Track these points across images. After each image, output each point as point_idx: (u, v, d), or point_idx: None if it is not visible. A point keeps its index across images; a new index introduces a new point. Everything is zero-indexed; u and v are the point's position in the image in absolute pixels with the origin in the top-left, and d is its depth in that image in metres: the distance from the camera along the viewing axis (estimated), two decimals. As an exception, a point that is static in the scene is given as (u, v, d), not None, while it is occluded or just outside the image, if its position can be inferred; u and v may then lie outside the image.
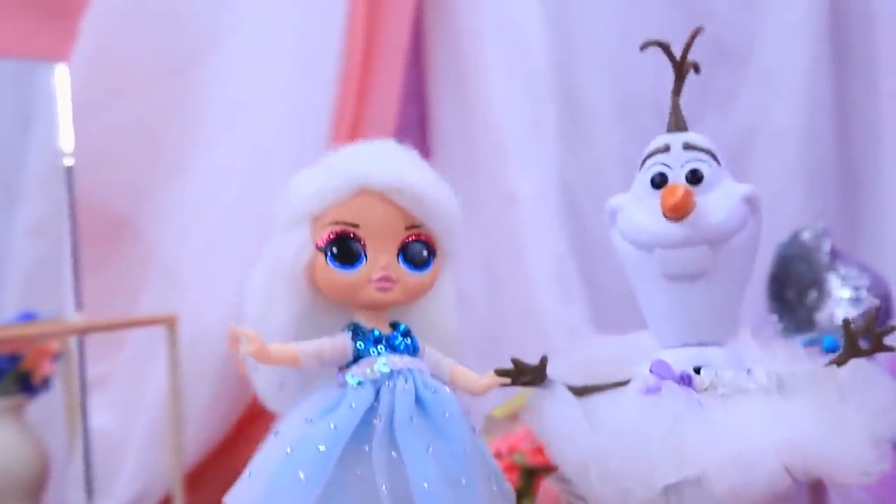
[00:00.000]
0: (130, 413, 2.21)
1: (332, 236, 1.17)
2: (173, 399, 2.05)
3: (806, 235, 1.90)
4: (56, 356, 2.13)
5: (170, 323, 2.05)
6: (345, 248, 1.17)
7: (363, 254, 1.17)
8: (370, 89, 2.34)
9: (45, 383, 2.10)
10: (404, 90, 2.37)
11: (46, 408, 2.14)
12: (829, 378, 1.19)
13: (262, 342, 1.14)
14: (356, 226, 1.17)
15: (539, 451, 1.71)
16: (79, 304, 2.10)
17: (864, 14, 2.39)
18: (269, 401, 1.24)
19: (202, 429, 2.20)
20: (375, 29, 2.35)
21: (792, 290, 1.89)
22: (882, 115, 2.36)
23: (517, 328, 2.35)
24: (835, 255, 1.91)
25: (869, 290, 1.87)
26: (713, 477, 1.11)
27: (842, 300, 1.86)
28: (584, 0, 2.46)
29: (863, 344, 1.19)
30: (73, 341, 2.14)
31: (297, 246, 1.18)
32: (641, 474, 1.13)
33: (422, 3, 2.44)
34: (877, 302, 1.85)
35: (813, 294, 1.86)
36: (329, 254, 1.17)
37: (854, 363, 1.20)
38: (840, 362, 1.20)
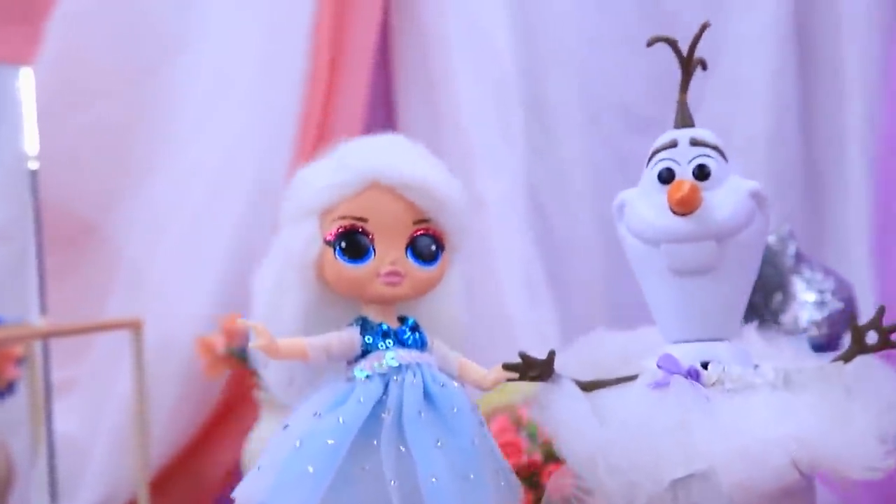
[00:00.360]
0: (95, 417, 2.20)
1: (340, 230, 1.17)
2: (138, 403, 2.04)
3: (771, 239, 1.91)
4: (20, 360, 2.12)
5: (135, 327, 2.04)
6: (353, 243, 1.17)
7: (371, 248, 1.18)
8: (337, 91, 2.33)
9: (10, 387, 2.09)
10: (371, 92, 2.37)
11: (11, 412, 2.12)
12: (836, 374, 1.19)
13: (271, 336, 1.14)
14: (365, 220, 1.17)
15: (510, 452, 1.71)
16: (43, 308, 2.09)
17: (828, 18, 2.40)
18: (280, 396, 1.24)
19: (168, 432, 2.19)
20: (342, 30, 2.35)
21: (757, 293, 1.89)
22: (847, 120, 2.37)
23: (486, 332, 2.35)
24: (799, 258, 1.92)
25: (833, 293, 1.87)
26: (721, 471, 1.11)
27: (806, 303, 1.86)
28: (552, 5, 2.46)
29: (869, 340, 1.20)
30: (37, 345, 2.12)
31: (306, 239, 1.18)
32: (649, 468, 1.13)
33: (389, 5, 2.43)
34: (840, 305, 1.86)
35: (778, 297, 1.87)
36: (338, 248, 1.17)
37: (861, 359, 1.20)
38: (847, 358, 1.21)
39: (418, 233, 1.19)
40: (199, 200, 2.26)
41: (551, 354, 1.22)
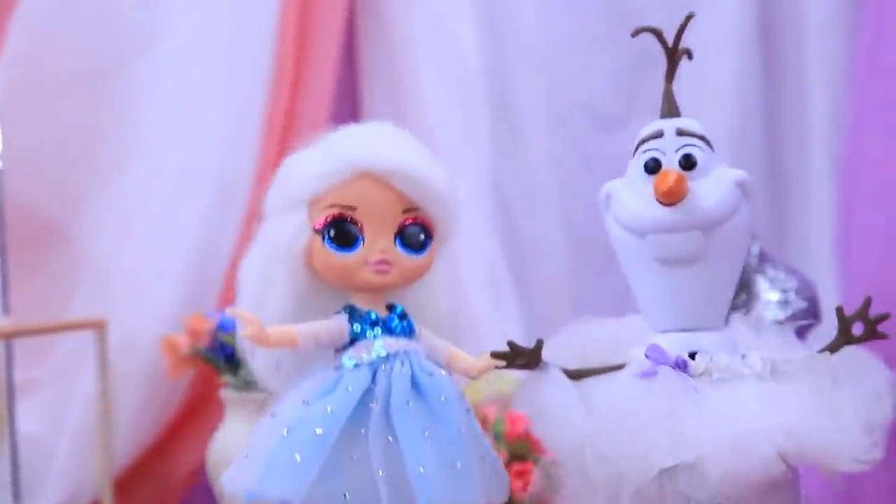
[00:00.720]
0: (59, 418, 2.18)
1: (329, 219, 1.18)
2: (102, 403, 2.03)
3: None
4: (-17, 360, 2.10)
5: (99, 327, 2.03)
6: (342, 231, 1.18)
7: (360, 237, 1.18)
8: (302, 91, 2.33)
9: (-28, 388, 2.07)
10: (337, 92, 2.37)
11: (-27, 413, 2.11)
12: (823, 365, 1.20)
13: (261, 324, 1.15)
14: (353, 209, 1.18)
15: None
16: (6, 308, 2.07)
17: (793, 18, 2.42)
18: (265, 381, 1.24)
19: (132, 432, 2.18)
20: (307, 30, 2.34)
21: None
22: (811, 120, 2.39)
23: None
24: (763, 258, 1.93)
25: (797, 292, 1.89)
26: (708, 462, 1.11)
27: (770, 302, 1.88)
28: (517, 5, 2.47)
29: (856, 331, 1.20)
30: (0, 345, 2.11)
31: (295, 229, 1.19)
32: (636, 458, 1.13)
33: (354, 5, 2.43)
34: (804, 304, 1.88)
35: (742, 296, 1.88)
36: (326, 236, 1.18)
37: (847, 350, 1.21)
38: (833, 349, 1.22)
39: (407, 222, 1.20)
40: (164, 200, 2.25)
41: (539, 343, 1.23)
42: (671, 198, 1.20)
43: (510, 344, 1.23)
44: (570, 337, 1.31)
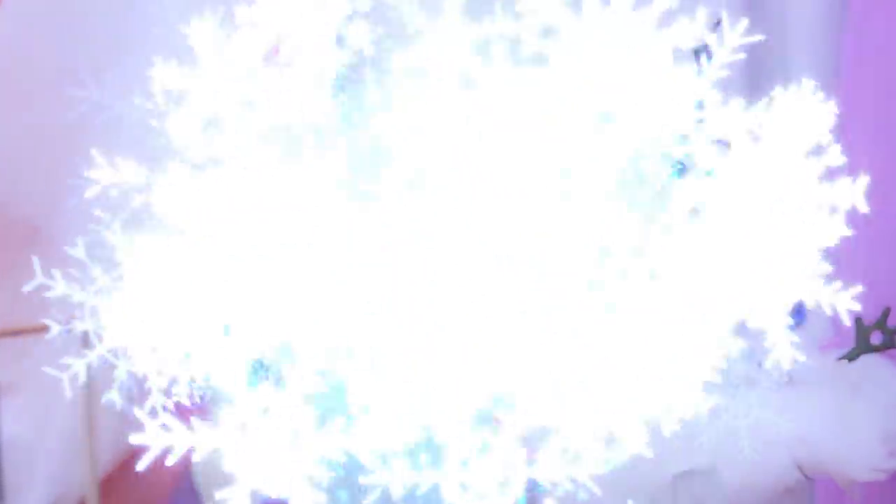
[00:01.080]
0: (44, 419, 2.18)
1: None
2: (87, 405, 2.02)
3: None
4: (-35, 362, 2.09)
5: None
6: None
7: None
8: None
9: (-45, 390, 2.07)
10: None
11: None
12: (840, 374, 1.19)
13: None
14: None
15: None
16: (-13, 310, 2.07)
17: (778, 17, 2.42)
18: None
19: (118, 434, 2.17)
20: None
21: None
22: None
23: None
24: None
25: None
26: (724, 468, 1.11)
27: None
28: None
29: (874, 340, 1.20)
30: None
31: None
32: (651, 462, 1.13)
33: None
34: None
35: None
36: None
37: (866, 359, 1.20)
38: (851, 358, 1.21)
39: None
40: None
41: None
42: None
43: None
44: None
